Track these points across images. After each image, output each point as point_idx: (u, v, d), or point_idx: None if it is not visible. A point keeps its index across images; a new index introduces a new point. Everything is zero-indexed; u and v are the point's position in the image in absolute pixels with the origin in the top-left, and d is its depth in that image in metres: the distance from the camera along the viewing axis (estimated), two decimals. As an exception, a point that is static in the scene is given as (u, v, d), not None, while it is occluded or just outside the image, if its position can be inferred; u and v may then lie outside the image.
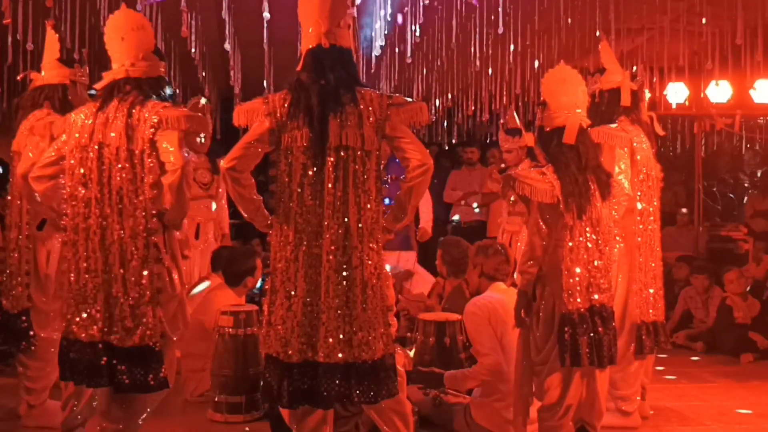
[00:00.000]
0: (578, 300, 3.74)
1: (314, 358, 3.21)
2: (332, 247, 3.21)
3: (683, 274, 8.00)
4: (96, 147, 3.48)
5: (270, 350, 3.28)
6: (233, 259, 5.50)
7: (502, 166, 6.87)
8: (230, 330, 4.71)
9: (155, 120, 3.45)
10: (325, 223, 3.22)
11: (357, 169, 3.25)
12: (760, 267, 7.87)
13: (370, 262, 3.26)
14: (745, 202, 11.07)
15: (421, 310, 5.79)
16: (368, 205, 3.27)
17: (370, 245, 3.27)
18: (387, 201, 3.58)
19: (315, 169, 3.24)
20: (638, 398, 4.68)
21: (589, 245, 3.79)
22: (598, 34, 6.28)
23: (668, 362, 6.24)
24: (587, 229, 3.79)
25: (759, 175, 11.90)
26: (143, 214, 3.44)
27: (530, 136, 6.49)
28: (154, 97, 3.57)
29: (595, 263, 3.79)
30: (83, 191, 3.50)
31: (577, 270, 3.75)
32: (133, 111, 3.49)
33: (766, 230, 9.15)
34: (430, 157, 3.39)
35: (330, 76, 3.32)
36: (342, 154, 3.24)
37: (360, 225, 3.24)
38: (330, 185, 3.22)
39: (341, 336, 3.19)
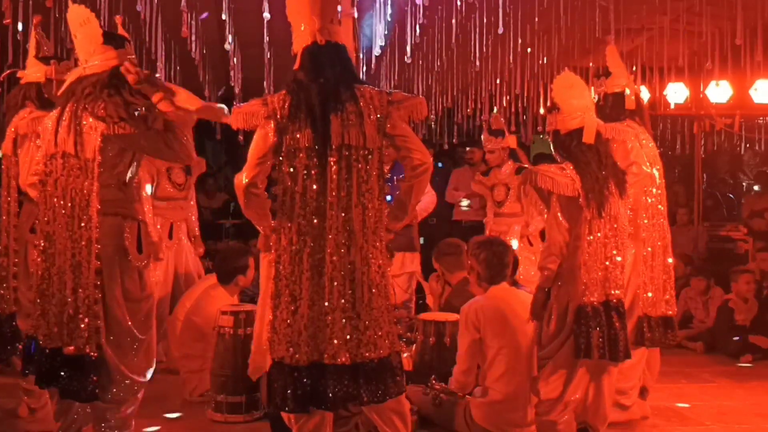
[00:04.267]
0: (594, 294, 3.81)
1: (321, 360, 3.19)
2: (336, 248, 3.20)
3: (680, 272, 7.98)
4: (60, 155, 3.53)
5: (276, 355, 3.25)
6: (226, 256, 5.53)
7: (483, 170, 6.92)
8: (230, 330, 4.70)
9: (103, 126, 3.47)
10: (329, 223, 3.20)
11: (360, 168, 3.24)
12: (758, 267, 7.86)
13: (374, 261, 3.25)
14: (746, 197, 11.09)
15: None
16: (371, 204, 3.26)
17: (374, 244, 3.26)
18: (389, 198, 3.61)
19: (318, 170, 3.23)
20: (637, 395, 4.69)
21: (607, 241, 3.87)
22: (608, 34, 6.28)
23: (668, 362, 6.22)
24: (606, 225, 3.87)
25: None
26: (95, 223, 3.47)
27: (513, 138, 6.59)
28: (111, 90, 3.55)
29: (613, 259, 3.87)
30: (49, 199, 3.55)
31: (595, 265, 3.83)
32: (83, 118, 3.50)
33: (765, 230, 9.15)
34: (429, 157, 3.40)
35: (329, 73, 3.31)
36: (344, 153, 3.23)
37: (364, 225, 3.23)
38: (333, 185, 3.21)
39: (347, 337, 3.18)
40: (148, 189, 5.74)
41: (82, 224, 3.48)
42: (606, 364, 3.93)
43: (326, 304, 3.19)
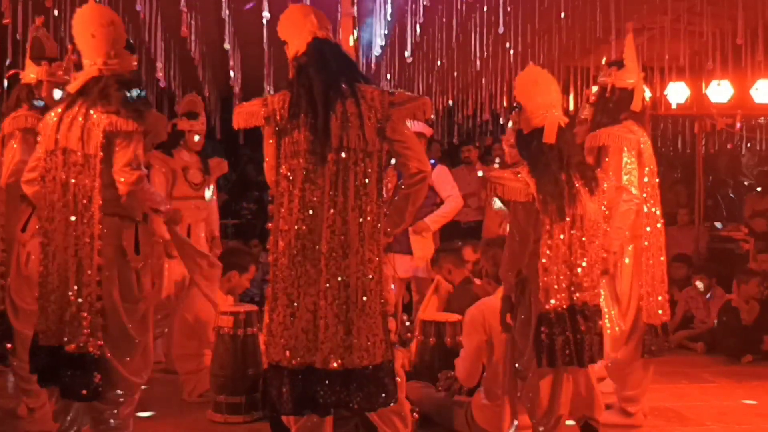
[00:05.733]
0: (557, 298, 3.70)
1: (315, 364, 3.17)
2: (332, 252, 3.16)
3: (681, 274, 7.98)
4: (61, 151, 3.51)
5: (272, 358, 3.23)
6: (229, 251, 5.57)
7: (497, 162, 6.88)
8: (230, 330, 4.70)
9: (106, 122, 3.47)
10: (326, 226, 3.17)
11: (358, 171, 3.21)
12: (758, 268, 7.84)
13: (370, 266, 3.21)
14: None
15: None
16: (369, 208, 3.22)
17: (371, 248, 3.22)
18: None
19: (316, 172, 3.19)
20: (643, 403, 4.68)
21: (572, 242, 3.75)
22: (608, 34, 6.26)
23: (668, 362, 6.21)
24: (570, 227, 3.74)
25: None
26: (97, 219, 3.47)
27: None
28: (126, 94, 3.55)
29: (579, 261, 3.75)
30: (49, 195, 3.54)
31: (556, 269, 3.71)
32: (90, 114, 3.50)
33: (766, 230, 9.14)
34: (428, 165, 3.37)
35: (333, 66, 3.29)
36: (343, 155, 3.20)
37: (361, 229, 3.20)
38: (331, 188, 3.18)
39: (340, 342, 3.15)
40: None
41: (85, 221, 3.47)
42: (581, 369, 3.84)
43: (320, 308, 3.16)
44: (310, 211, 3.20)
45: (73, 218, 3.48)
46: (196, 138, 5.96)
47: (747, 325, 6.84)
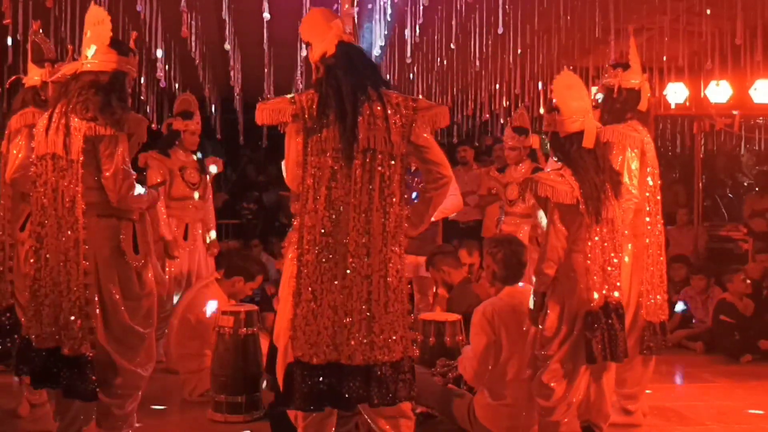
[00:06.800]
0: (594, 298, 3.82)
1: (339, 360, 3.21)
2: (356, 251, 3.21)
3: (680, 275, 7.99)
4: (50, 156, 3.54)
5: (295, 354, 3.24)
6: (242, 256, 5.55)
7: (497, 167, 6.89)
8: (230, 330, 4.70)
9: (86, 128, 3.50)
10: (350, 226, 3.21)
11: (383, 172, 3.25)
12: (757, 267, 7.86)
13: (392, 265, 3.26)
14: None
15: None
16: (392, 209, 3.26)
17: (393, 248, 3.27)
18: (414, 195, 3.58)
19: (342, 171, 3.23)
20: (643, 401, 4.70)
21: (606, 244, 3.87)
22: (609, 34, 6.24)
23: (668, 362, 6.24)
24: (604, 229, 3.87)
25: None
26: (81, 224, 3.49)
27: (536, 137, 6.51)
28: (104, 98, 3.56)
29: (611, 261, 3.88)
30: (41, 199, 3.56)
31: (594, 268, 3.84)
32: (72, 118, 3.52)
33: (765, 230, 9.15)
34: (450, 170, 3.43)
35: (359, 70, 3.32)
36: (368, 157, 3.24)
37: (384, 229, 3.24)
38: (356, 188, 3.22)
39: (363, 338, 3.20)
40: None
41: (70, 225, 3.50)
42: (607, 364, 3.95)
43: (345, 305, 3.21)
44: (336, 209, 3.23)
45: (62, 223, 3.51)
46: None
47: (746, 321, 6.84)
